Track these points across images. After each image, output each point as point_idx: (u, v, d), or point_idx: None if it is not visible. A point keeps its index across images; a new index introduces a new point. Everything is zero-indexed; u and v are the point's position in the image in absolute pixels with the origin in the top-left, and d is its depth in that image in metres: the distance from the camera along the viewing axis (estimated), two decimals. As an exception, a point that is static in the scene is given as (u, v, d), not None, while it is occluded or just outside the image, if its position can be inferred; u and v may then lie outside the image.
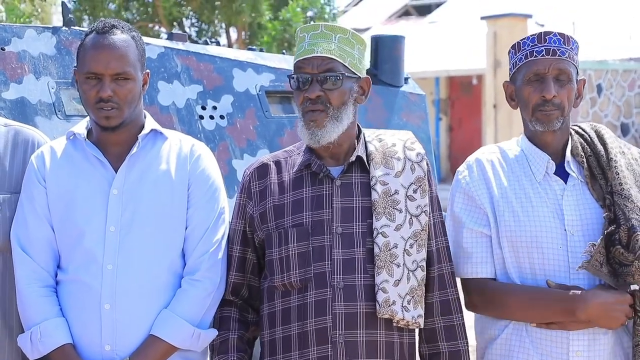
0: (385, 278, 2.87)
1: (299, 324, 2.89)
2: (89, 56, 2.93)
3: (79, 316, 2.91)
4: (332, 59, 2.91)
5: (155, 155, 3.02)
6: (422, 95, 4.74)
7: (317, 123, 2.89)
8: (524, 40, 3.07)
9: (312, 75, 2.90)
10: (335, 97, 2.90)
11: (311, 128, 2.90)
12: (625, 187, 2.98)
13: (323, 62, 2.90)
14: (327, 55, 2.90)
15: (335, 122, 2.91)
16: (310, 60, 2.91)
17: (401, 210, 2.93)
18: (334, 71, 2.90)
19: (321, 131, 2.90)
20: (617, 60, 19.55)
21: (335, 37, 2.94)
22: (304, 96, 2.90)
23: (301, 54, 2.93)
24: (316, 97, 2.89)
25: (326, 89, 2.89)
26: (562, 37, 3.04)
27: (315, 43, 2.92)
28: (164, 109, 3.94)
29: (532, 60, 3.02)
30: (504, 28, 17.62)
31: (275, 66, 4.32)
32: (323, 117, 2.89)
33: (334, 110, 2.90)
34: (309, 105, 2.90)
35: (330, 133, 2.91)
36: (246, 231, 3.02)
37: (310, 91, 2.89)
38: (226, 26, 14.22)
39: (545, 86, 2.99)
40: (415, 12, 27.16)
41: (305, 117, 2.91)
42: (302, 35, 2.97)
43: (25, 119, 3.53)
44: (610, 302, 2.92)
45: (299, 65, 2.93)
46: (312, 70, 2.90)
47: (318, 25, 2.98)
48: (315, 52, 2.91)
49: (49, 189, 2.97)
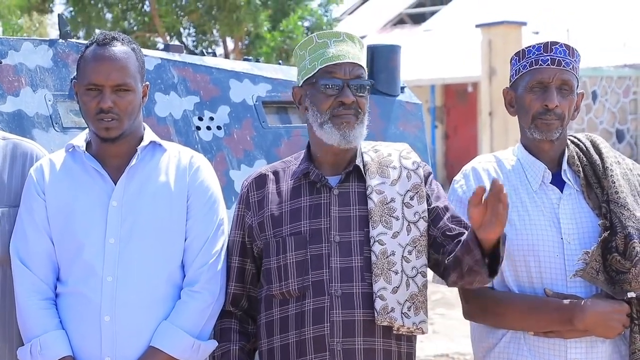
0: (383, 285, 2.88)
1: (297, 332, 2.89)
2: (90, 68, 2.94)
3: (78, 328, 2.91)
4: (360, 66, 2.94)
5: (154, 167, 3.02)
6: (419, 104, 4.75)
7: (350, 125, 2.91)
8: (529, 49, 3.08)
9: (344, 81, 2.91)
10: (364, 104, 2.94)
11: (343, 129, 2.91)
12: (621, 195, 3.00)
13: (354, 68, 2.92)
14: (357, 62, 2.93)
15: (362, 127, 2.94)
16: (342, 66, 2.92)
17: (398, 218, 2.94)
18: (363, 78, 2.94)
19: (352, 132, 2.91)
20: (611, 67, 19.60)
21: (357, 45, 2.98)
22: (338, 101, 2.91)
23: (330, 59, 2.92)
24: (351, 103, 2.90)
25: (357, 95, 2.92)
26: (567, 49, 3.06)
27: (343, 49, 2.94)
28: (161, 120, 3.94)
29: (537, 69, 3.03)
30: (499, 36, 17.67)
31: (271, 76, 4.33)
32: (354, 120, 2.92)
33: (362, 115, 2.94)
34: (342, 110, 2.91)
35: (359, 136, 2.94)
36: (245, 242, 3.03)
37: (346, 96, 2.90)
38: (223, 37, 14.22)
39: (549, 95, 3.01)
40: (410, 20, 27.23)
41: (336, 119, 2.91)
42: (323, 40, 2.96)
43: (22, 131, 3.53)
44: (608, 312, 2.93)
45: (328, 69, 2.93)
46: (345, 76, 2.91)
47: (339, 33, 2.99)
48: (348, 57, 2.92)
49: (48, 201, 2.97)
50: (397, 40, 18.77)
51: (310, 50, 2.98)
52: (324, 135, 2.94)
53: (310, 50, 2.98)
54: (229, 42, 14.64)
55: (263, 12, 13.29)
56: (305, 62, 2.98)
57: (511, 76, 3.15)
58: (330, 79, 2.92)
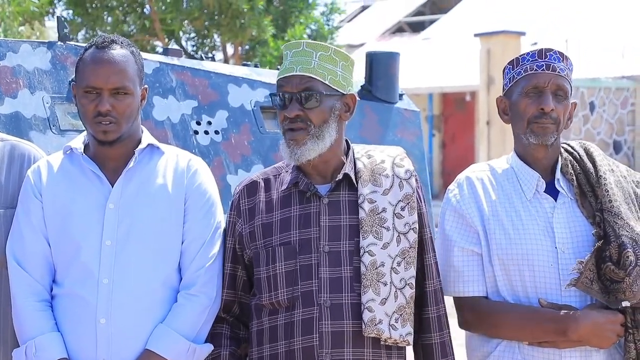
0: (371, 297, 2.87)
1: (286, 342, 2.89)
2: (88, 70, 2.94)
3: (74, 330, 2.91)
4: (312, 78, 2.91)
5: (152, 169, 3.02)
6: (417, 111, 4.75)
7: (297, 141, 2.90)
8: (524, 56, 3.09)
9: (292, 94, 2.91)
10: (315, 116, 2.91)
11: (291, 146, 2.91)
12: (615, 204, 3.00)
13: (302, 80, 2.91)
14: (306, 73, 2.91)
15: (316, 140, 2.91)
16: (290, 79, 2.91)
17: (389, 228, 2.93)
18: (312, 90, 2.90)
19: (300, 149, 2.90)
20: (610, 78, 19.62)
21: (316, 54, 2.94)
22: (284, 115, 2.91)
23: (281, 72, 2.94)
24: (295, 116, 2.90)
25: (306, 107, 2.90)
26: (561, 56, 3.07)
27: (295, 61, 2.93)
28: (159, 124, 3.94)
29: (532, 74, 3.04)
30: (498, 45, 17.68)
31: (270, 82, 4.33)
32: (303, 135, 2.90)
33: (315, 128, 2.91)
34: (288, 124, 2.91)
35: (310, 151, 2.91)
36: (236, 249, 3.03)
37: (289, 110, 2.90)
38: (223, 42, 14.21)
39: (544, 99, 3.01)
40: (409, 28, 27.25)
41: (286, 136, 2.92)
42: (286, 52, 2.98)
43: (19, 133, 3.53)
44: (602, 322, 2.93)
45: (280, 83, 2.94)
46: (292, 89, 2.91)
47: (300, 42, 2.97)
48: (295, 70, 2.91)
49: (45, 203, 2.97)
50: (396, 48, 18.78)
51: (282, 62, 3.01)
52: (281, 151, 2.96)
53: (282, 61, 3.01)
54: (229, 48, 14.63)
55: (266, 18, 13.29)
56: None
57: (505, 84, 3.16)
58: (278, 92, 2.94)
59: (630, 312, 2.95)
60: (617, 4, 22.63)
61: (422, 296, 3.00)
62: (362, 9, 29.45)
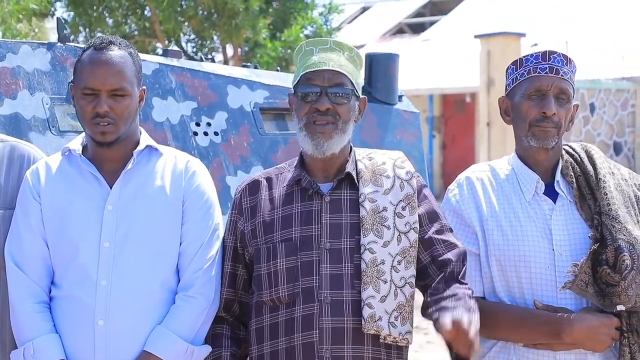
0: (371, 294, 2.87)
1: (286, 338, 2.90)
2: (86, 72, 2.94)
3: (72, 332, 2.91)
4: (343, 74, 2.93)
5: (150, 171, 3.02)
6: (416, 113, 4.75)
7: (325, 134, 2.91)
8: (527, 57, 3.09)
9: (322, 88, 2.91)
10: (344, 112, 2.92)
11: (317, 139, 2.91)
12: (613, 207, 2.99)
13: (334, 75, 2.92)
14: (338, 69, 2.92)
15: (342, 135, 2.93)
16: (321, 73, 2.92)
17: (389, 227, 2.94)
18: (344, 86, 2.92)
19: (328, 142, 2.91)
20: (610, 80, 19.64)
21: (344, 53, 2.97)
22: (313, 107, 2.91)
23: (310, 66, 2.93)
24: (326, 110, 2.90)
25: (336, 102, 2.91)
26: (564, 58, 3.07)
27: (325, 57, 2.93)
28: (158, 125, 3.94)
29: (535, 77, 3.04)
30: (498, 47, 17.69)
31: (269, 83, 4.33)
32: (332, 129, 2.92)
33: (343, 123, 2.93)
34: (316, 117, 2.91)
35: (336, 145, 2.93)
36: (237, 247, 3.03)
37: (321, 103, 2.90)
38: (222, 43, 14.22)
39: (546, 102, 3.01)
40: (409, 30, 27.26)
41: (311, 127, 2.92)
42: (310, 48, 2.97)
43: (19, 134, 3.53)
44: (596, 326, 2.93)
45: (308, 76, 2.93)
46: (323, 83, 2.92)
47: (327, 40, 2.99)
48: (328, 65, 2.92)
49: (44, 204, 2.97)
50: (396, 49, 18.76)
51: (300, 58, 3.00)
52: (300, 141, 2.96)
53: (300, 57, 3.00)
54: (229, 49, 14.64)
55: (262, 20, 13.28)
56: (297, 68, 3.00)
57: (507, 85, 3.15)
58: (307, 86, 2.93)
59: (625, 316, 2.95)
60: (617, 6, 22.65)
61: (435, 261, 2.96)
62: (363, 10, 29.47)
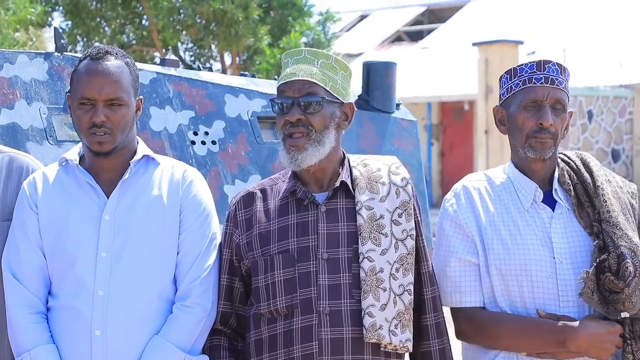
0: (371, 302, 2.87)
1: (285, 350, 2.88)
2: (83, 82, 2.93)
3: (69, 342, 2.90)
4: (314, 83, 2.92)
5: (147, 181, 3.01)
6: (414, 121, 4.75)
7: (298, 147, 2.90)
8: (522, 67, 3.07)
9: (294, 99, 2.91)
10: (316, 121, 2.91)
11: (291, 152, 2.91)
12: (613, 214, 2.99)
13: (304, 85, 2.92)
14: (308, 78, 2.92)
15: (317, 145, 2.92)
16: (292, 84, 2.92)
17: (387, 235, 2.94)
18: (315, 95, 2.91)
19: (302, 155, 2.91)
20: (607, 87, 19.67)
21: (318, 61, 2.96)
22: (285, 119, 2.92)
23: (283, 78, 2.95)
24: (297, 120, 2.90)
25: (307, 112, 2.91)
26: (559, 67, 3.05)
27: (297, 67, 2.94)
28: (156, 135, 3.94)
29: (531, 87, 3.02)
30: (496, 54, 17.71)
31: (267, 92, 4.33)
32: (304, 141, 2.91)
33: (316, 133, 2.91)
34: (289, 129, 2.91)
35: (311, 156, 2.91)
36: (233, 260, 3.02)
37: (291, 114, 2.90)
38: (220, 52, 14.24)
39: (543, 114, 3.00)
40: (407, 37, 27.29)
41: (286, 141, 2.92)
42: (286, 60, 2.99)
43: (16, 144, 3.53)
44: (601, 334, 2.92)
45: (281, 89, 2.95)
46: (293, 94, 2.92)
47: (301, 50, 3.00)
48: (297, 75, 2.92)
49: (41, 215, 2.97)
50: (394, 57, 18.80)
51: (282, 70, 3.01)
52: (281, 157, 2.96)
53: (282, 69, 3.01)
54: (227, 58, 14.66)
55: (262, 27, 13.32)
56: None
57: (501, 94, 3.14)
58: (280, 97, 2.94)
59: (628, 323, 2.94)
60: (615, 13, 22.68)
61: (420, 304, 2.99)
62: (361, 18, 29.50)
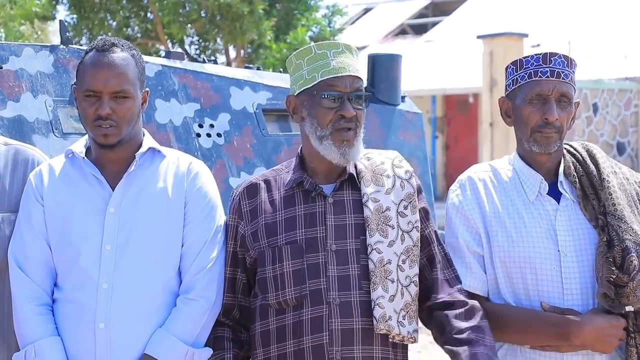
0: (381, 294, 2.88)
1: (294, 341, 2.89)
2: (89, 74, 2.93)
3: (73, 335, 2.90)
4: (359, 79, 2.94)
5: (153, 173, 3.02)
6: (419, 113, 4.75)
7: (350, 142, 2.91)
8: (527, 59, 3.05)
9: (345, 94, 2.91)
10: (361, 116, 2.94)
11: (343, 147, 2.91)
12: (618, 207, 2.97)
13: (354, 81, 2.92)
14: (356, 74, 2.93)
15: (360, 140, 2.94)
16: (343, 79, 2.91)
17: (393, 227, 2.95)
18: (362, 90, 2.93)
19: (352, 150, 2.92)
20: (613, 80, 19.61)
21: (354, 56, 2.97)
22: (339, 114, 2.90)
23: (331, 72, 2.91)
24: (352, 116, 2.90)
25: (357, 108, 2.91)
26: (566, 60, 3.03)
27: (343, 62, 2.93)
28: (161, 127, 3.95)
29: (536, 81, 3.01)
30: (500, 47, 17.67)
31: (272, 84, 4.34)
32: (353, 136, 2.92)
33: (359, 129, 2.94)
34: (343, 124, 2.90)
35: (358, 151, 2.94)
36: (237, 252, 3.02)
37: (347, 110, 2.89)
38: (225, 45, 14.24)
39: (548, 108, 2.99)
40: (411, 31, 27.25)
41: (336, 135, 2.90)
42: (322, 52, 2.95)
43: (22, 137, 3.53)
44: (605, 328, 2.92)
45: (329, 83, 2.91)
46: (345, 89, 2.91)
47: (338, 43, 2.99)
48: (348, 70, 2.92)
49: (47, 207, 2.97)
50: (398, 50, 18.78)
51: (308, 61, 2.97)
52: (322, 150, 2.93)
53: (308, 60, 2.97)
54: (232, 51, 14.66)
55: (267, 22, 13.31)
56: (303, 72, 2.97)
57: (507, 85, 3.12)
58: (332, 91, 2.91)
59: (632, 317, 2.94)
60: (620, 6, 22.62)
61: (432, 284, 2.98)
62: (365, 11, 29.47)
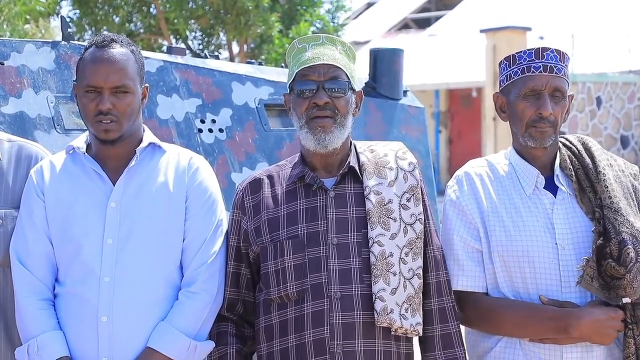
0: (382, 287, 2.88)
1: (296, 335, 2.90)
2: (89, 70, 2.94)
3: (76, 329, 2.92)
4: (338, 67, 2.93)
5: (153, 168, 3.03)
6: (421, 108, 4.75)
7: (325, 128, 2.91)
8: (520, 54, 3.06)
9: (319, 83, 2.91)
10: (341, 105, 2.93)
11: (318, 133, 2.91)
12: (614, 200, 2.98)
13: (329, 69, 2.92)
14: (333, 63, 2.93)
15: (341, 128, 2.93)
16: (316, 68, 2.92)
17: (395, 219, 2.95)
18: (340, 79, 2.93)
19: (328, 136, 2.91)
20: (616, 73, 19.59)
21: (337, 47, 2.97)
22: (312, 102, 2.91)
23: (305, 62, 2.93)
24: (324, 104, 2.90)
25: (333, 96, 2.91)
26: (558, 54, 3.04)
27: (319, 52, 2.94)
28: (163, 123, 3.95)
29: (529, 76, 3.02)
30: (504, 41, 17.67)
31: (274, 80, 4.33)
32: (331, 123, 2.91)
33: (341, 117, 2.93)
34: (316, 112, 2.91)
35: (337, 139, 2.93)
36: (240, 247, 3.03)
37: (318, 97, 2.90)
38: (229, 40, 14.25)
39: (542, 103, 2.99)
40: (414, 25, 27.24)
41: (312, 122, 2.91)
42: (302, 45, 2.98)
43: (24, 133, 3.54)
44: (603, 319, 2.93)
45: (303, 73, 2.93)
46: (319, 78, 2.92)
47: (319, 36, 3.00)
48: (322, 59, 2.92)
49: (48, 202, 2.98)
50: (401, 44, 18.76)
51: (292, 56, 3.01)
52: (302, 139, 2.96)
53: (292, 56, 3.01)
54: (234, 46, 14.66)
55: (273, 15, 13.33)
56: (291, 68, 3.00)
57: (501, 81, 3.13)
58: (304, 82, 2.93)
59: (629, 308, 2.95)
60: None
61: (425, 288, 3.00)
62: (368, 5, 29.46)
